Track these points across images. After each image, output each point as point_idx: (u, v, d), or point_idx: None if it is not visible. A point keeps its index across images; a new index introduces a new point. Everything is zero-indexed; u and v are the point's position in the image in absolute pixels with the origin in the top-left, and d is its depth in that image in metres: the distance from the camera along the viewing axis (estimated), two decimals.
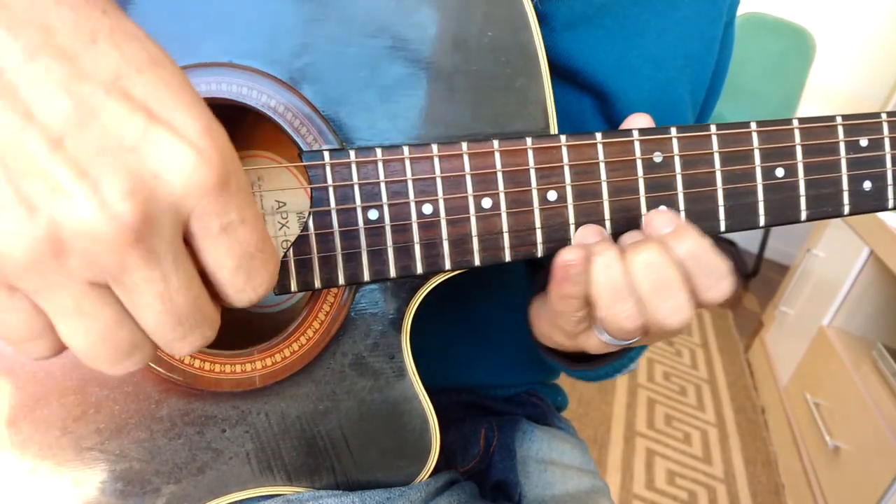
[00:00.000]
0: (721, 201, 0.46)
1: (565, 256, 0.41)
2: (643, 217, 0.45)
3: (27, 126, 0.23)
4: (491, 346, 0.63)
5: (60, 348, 0.28)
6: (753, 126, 0.46)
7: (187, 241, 0.28)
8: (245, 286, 0.29)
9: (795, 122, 0.47)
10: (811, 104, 3.24)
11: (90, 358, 0.28)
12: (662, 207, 0.45)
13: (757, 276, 3.51)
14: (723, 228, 0.47)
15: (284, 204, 0.52)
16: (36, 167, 0.23)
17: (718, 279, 0.41)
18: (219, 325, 0.30)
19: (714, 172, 0.46)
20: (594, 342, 0.46)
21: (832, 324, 2.02)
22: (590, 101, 0.55)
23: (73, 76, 0.24)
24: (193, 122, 0.26)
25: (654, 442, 2.02)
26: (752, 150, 0.46)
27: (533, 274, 0.61)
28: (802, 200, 0.47)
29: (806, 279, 2.34)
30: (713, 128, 0.46)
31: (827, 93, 3.36)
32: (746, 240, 3.77)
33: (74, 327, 0.27)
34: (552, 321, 0.47)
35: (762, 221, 0.47)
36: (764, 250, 3.48)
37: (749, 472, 2.00)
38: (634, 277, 0.40)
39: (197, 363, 0.42)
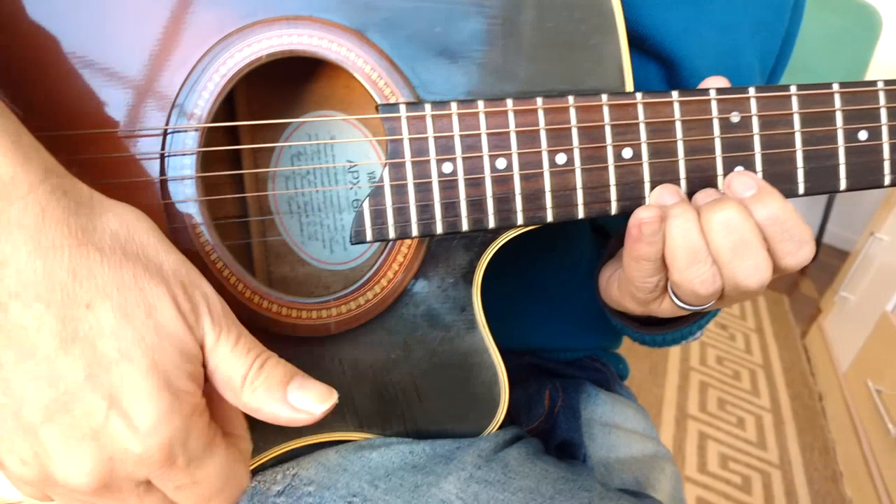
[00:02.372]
0: (800, 163, 0.45)
1: (641, 214, 0.40)
2: (723, 179, 0.44)
3: (18, 414, 0.30)
4: (555, 309, 0.63)
5: None
6: (836, 87, 0.45)
7: None
8: None
9: (881, 84, 0.46)
10: None
11: None
12: (740, 168, 0.44)
13: (815, 261, 3.41)
14: (801, 191, 0.46)
15: (356, 166, 0.53)
16: (25, 442, 0.30)
17: (800, 245, 0.40)
18: None
19: (793, 134, 0.45)
20: (666, 306, 0.45)
21: None
22: (655, 68, 0.54)
23: (52, 376, 0.30)
24: (147, 416, 0.31)
25: (707, 425, 2.00)
26: (834, 111, 0.45)
27: (602, 242, 0.61)
28: (886, 165, 0.46)
29: (868, 264, 2.27)
30: (793, 88, 0.45)
31: (893, 73, 3.22)
32: None
33: None
34: (624, 288, 0.47)
35: (843, 185, 0.46)
36: (822, 235, 3.38)
37: (805, 458, 1.96)
38: (712, 237, 0.39)
39: (275, 308, 0.43)
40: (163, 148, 0.41)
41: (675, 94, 0.44)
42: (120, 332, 0.31)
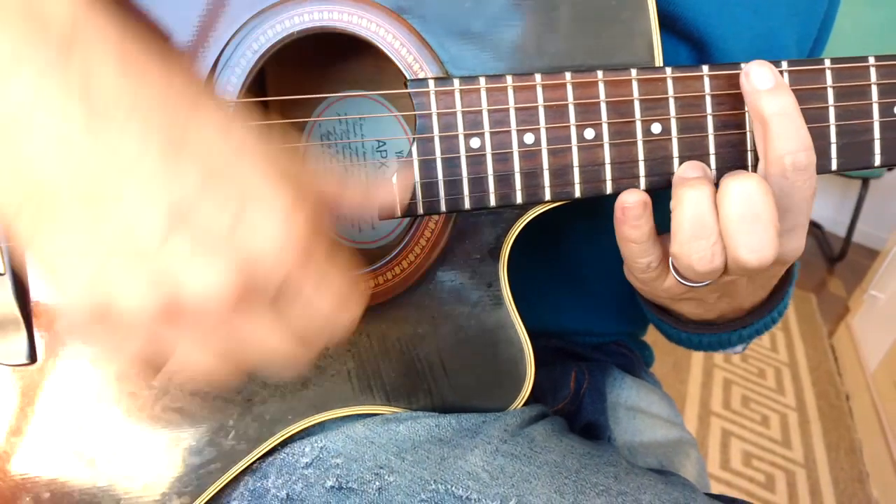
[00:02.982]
0: (833, 138, 0.45)
1: (625, 198, 0.41)
2: (752, 155, 0.43)
3: (137, 227, 0.27)
4: (583, 293, 0.62)
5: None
6: (871, 60, 0.44)
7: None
8: (328, 335, 0.33)
9: None
10: None
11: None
12: (764, 62, 0.42)
13: (843, 261, 3.36)
14: (834, 167, 0.45)
15: (384, 143, 0.53)
16: (143, 267, 0.28)
17: (801, 150, 0.39)
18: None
19: (827, 108, 0.44)
20: (669, 284, 0.45)
21: None
22: (686, 51, 0.54)
23: (166, 184, 0.27)
24: (280, 199, 0.29)
25: (730, 422, 1.98)
26: (870, 85, 0.44)
27: None
28: None
29: None
30: (827, 62, 0.44)
31: None
32: (833, 223, 3.61)
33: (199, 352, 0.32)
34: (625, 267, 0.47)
35: (878, 161, 0.45)
36: (852, 234, 3.32)
37: (831, 458, 1.93)
38: (726, 204, 0.38)
39: None
40: None
41: (705, 68, 0.43)
42: (230, 136, 0.29)
